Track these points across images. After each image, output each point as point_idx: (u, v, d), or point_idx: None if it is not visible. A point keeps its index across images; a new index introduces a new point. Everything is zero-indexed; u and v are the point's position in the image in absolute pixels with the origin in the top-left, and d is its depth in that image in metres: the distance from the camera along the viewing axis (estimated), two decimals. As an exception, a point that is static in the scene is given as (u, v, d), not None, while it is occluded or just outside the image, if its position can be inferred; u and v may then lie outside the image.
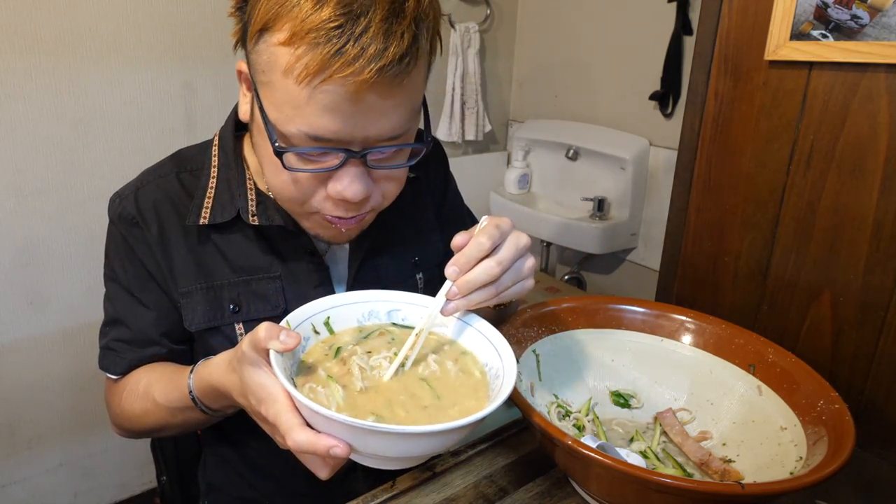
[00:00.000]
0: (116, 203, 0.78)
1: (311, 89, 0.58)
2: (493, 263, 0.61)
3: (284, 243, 0.79)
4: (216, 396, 0.68)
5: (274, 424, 0.55)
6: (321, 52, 0.55)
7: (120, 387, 0.81)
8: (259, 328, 0.56)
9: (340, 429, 0.51)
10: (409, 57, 0.58)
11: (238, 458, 0.89)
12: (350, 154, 0.62)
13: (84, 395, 1.65)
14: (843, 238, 0.94)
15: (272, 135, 0.63)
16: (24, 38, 1.36)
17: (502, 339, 0.65)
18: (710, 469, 0.72)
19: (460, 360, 0.66)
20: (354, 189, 0.64)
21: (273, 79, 0.60)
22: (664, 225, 1.20)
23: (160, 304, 0.79)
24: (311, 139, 0.61)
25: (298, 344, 0.57)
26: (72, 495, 1.72)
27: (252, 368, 0.57)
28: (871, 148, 0.89)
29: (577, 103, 2.01)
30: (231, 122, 0.80)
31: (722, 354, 0.81)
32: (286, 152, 0.63)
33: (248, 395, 0.58)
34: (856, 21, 0.86)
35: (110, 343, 0.81)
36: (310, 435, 0.52)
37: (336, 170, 0.64)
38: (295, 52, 0.57)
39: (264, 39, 0.59)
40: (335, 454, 0.51)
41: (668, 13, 1.65)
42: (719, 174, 1.08)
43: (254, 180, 0.78)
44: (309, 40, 0.56)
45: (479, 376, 0.64)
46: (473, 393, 0.61)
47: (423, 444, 0.54)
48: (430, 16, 0.60)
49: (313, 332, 0.66)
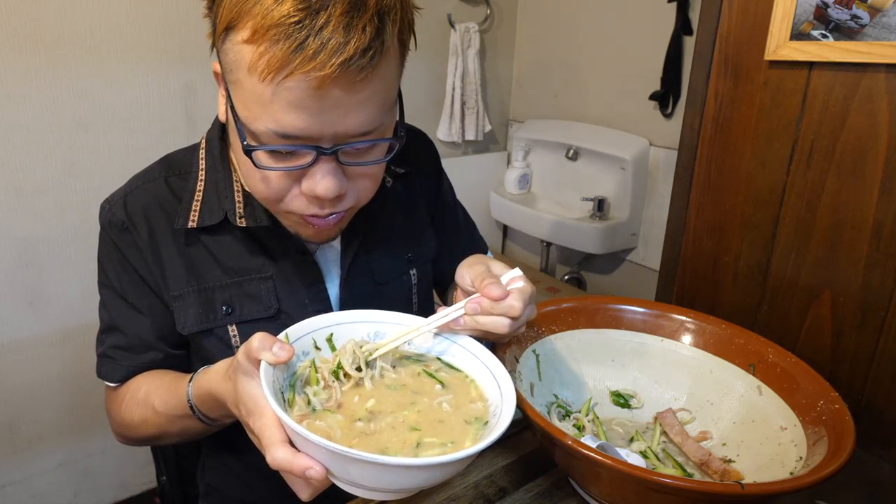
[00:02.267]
0: (106, 209, 0.78)
1: (275, 86, 0.57)
2: (506, 323, 0.64)
3: (274, 243, 0.78)
4: (213, 405, 0.67)
5: (258, 437, 0.54)
6: (282, 47, 0.55)
7: (119, 395, 0.81)
8: (253, 338, 0.55)
9: (317, 451, 0.50)
10: (373, 50, 0.57)
11: (236, 460, 0.89)
12: (320, 151, 0.62)
13: (84, 395, 1.65)
14: (843, 238, 0.94)
15: (242, 133, 0.63)
16: (24, 38, 1.36)
17: (506, 374, 0.62)
18: (710, 469, 0.72)
19: (462, 389, 0.65)
20: (326, 186, 0.64)
21: (239, 77, 0.60)
22: (664, 225, 1.20)
23: (154, 309, 0.78)
24: (280, 136, 0.61)
25: (291, 357, 0.55)
26: (72, 495, 1.72)
27: (245, 378, 0.56)
28: (871, 148, 0.89)
29: (578, 103, 2.01)
30: (218, 125, 0.80)
31: (722, 354, 0.81)
32: (255, 150, 0.62)
33: (240, 405, 0.57)
34: (856, 21, 0.86)
35: (107, 351, 0.80)
36: (288, 453, 0.51)
37: (308, 167, 0.64)
38: (257, 50, 0.57)
39: (230, 38, 0.59)
40: (310, 476, 0.50)
41: (668, 13, 1.65)
42: (719, 174, 1.08)
43: (241, 182, 0.78)
44: (270, 37, 0.55)
45: (480, 408, 0.62)
46: (470, 427, 0.59)
47: (402, 477, 0.51)
48: (395, 8, 0.59)
49: (314, 347, 0.64)
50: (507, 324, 0.63)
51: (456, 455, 0.49)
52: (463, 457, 0.50)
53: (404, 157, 0.87)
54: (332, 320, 0.66)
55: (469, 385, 0.64)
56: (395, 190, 0.87)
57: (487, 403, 0.62)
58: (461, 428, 0.58)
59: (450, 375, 0.66)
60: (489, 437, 0.52)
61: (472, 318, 0.64)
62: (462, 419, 0.59)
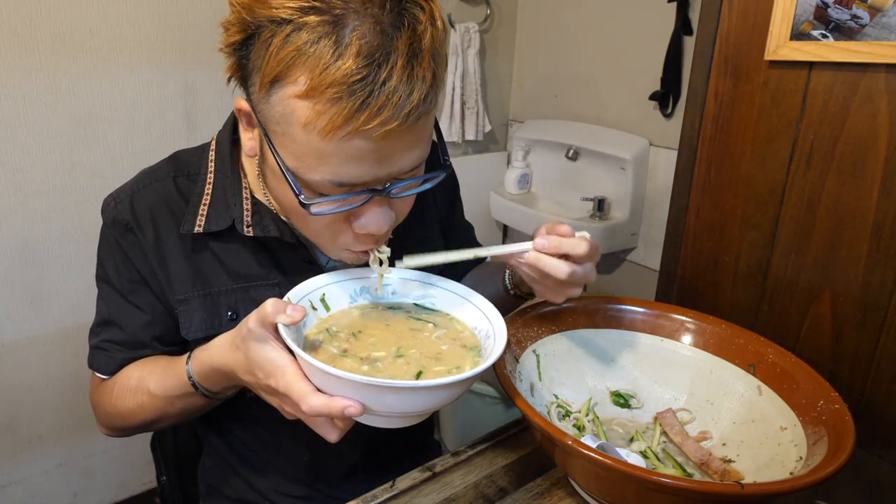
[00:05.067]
0: (111, 206, 0.77)
1: (335, 142, 0.56)
2: (566, 268, 0.67)
3: (282, 252, 0.78)
4: (218, 378, 0.69)
5: (285, 394, 0.57)
6: (345, 105, 0.53)
7: (109, 385, 0.81)
8: (265, 304, 0.58)
9: (353, 388, 0.54)
10: (432, 95, 0.57)
11: (237, 459, 0.89)
12: (375, 192, 0.62)
13: (84, 395, 1.62)
14: (843, 238, 0.94)
15: (295, 186, 0.61)
16: (24, 38, 1.36)
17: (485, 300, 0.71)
18: (710, 469, 0.72)
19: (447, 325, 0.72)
20: (379, 224, 0.65)
21: (291, 131, 0.57)
22: (664, 225, 1.20)
23: (153, 309, 0.78)
24: (336, 185, 0.60)
25: (304, 316, 0.60)
26: (72, 495, 1.72)
27: (258, 344, 0.59)
28: (871, 148, 0.89)
29: (577, 103, 2.01)
30: (228, 128, 0.78)
31: (722, 354, 0.81)
32: (314, 204, 0.61)
33: (256, 371, 0.60)
34: (856, 21, 0.86)
35: (101, 343, 0.80)
36: (324, 398, 0.55)
37: (360, 206, 0.63)
38: (314, 107, 0.54)
39: (276, 91, 0.56)
40: (350, 413, 0.54)
41: (668, 13, 1.65)
42: (719, 174, 1.08)
43: (250, 189, 0.77)
44: (330, 95, 0.53)
45: (470, 336, 0.70)
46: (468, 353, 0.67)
47: (432, 397, 0.58)
48: (437, 42, 0.57)
49: (311, 308, 0.69)
50: (566, 269, 0.66)
51: (475, 370, 0.57)
52: (480, 371, 0.57)
53: None
54: (321, 282, 0.72)
55: (452, 321, 0.72)
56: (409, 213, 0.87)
57: (475, 331, 0.70)
58: (460, 354, 0.66)
59: (431, 315, 0.73)
60: (494, 352, 0.61)
61: (535, 256, 0.67)
62: (459, 347, 0.67)
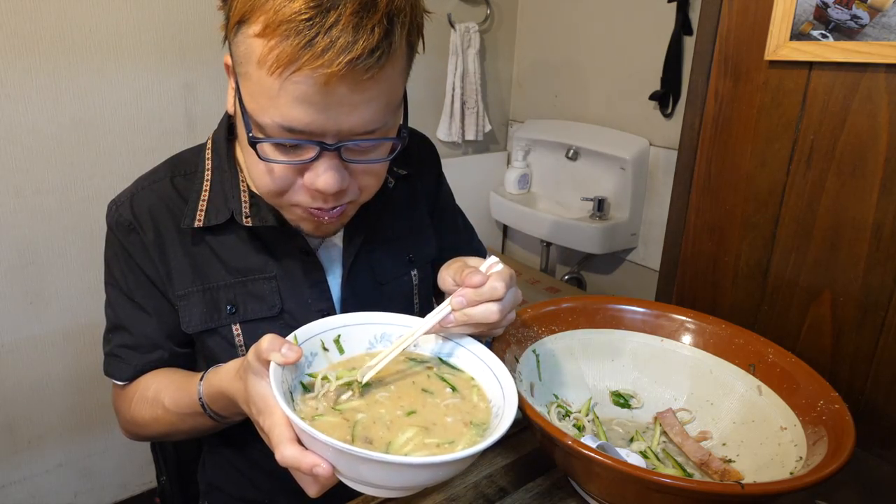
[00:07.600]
0: (113, 210, 0.79)
1: (282, 80, 0.59)
2: (495, 308, 0.64)
3: (278, 243, 0.79)
4: (225, 404, 0.69)
5: (268, 435, 0.56)
6: (291, 43, 0.56)
7: (128, 393, 0.82)
8: (263, 340, 0.56)
9: (324, 449, 0.51)
10: (381, 51, 0.58)
11: (241, 457, 0.89)
12: (324, 147, 0.63)
13: (84, 395, 1.65)
14: (843, 238, 0.94)
15: (248, 125, 0.64)
16: (24, 38, 1.36)
17: (508, 375, 0.63)
18: (710, 469, 0.72)
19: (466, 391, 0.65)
20: (327, 180, 0.65)
21: (249, 70, 0.61)
22: (664, 225, 1.20)
23: (160, 309, 0.79)
24: (285, 130, 0.62)
25: (299, 358, 0.57)
26: (72, 495, 1.72)
27: (255, 378, 0.58)
28: (871, 148, 0.89)
29: (577, 103, 2.01)
30: (224, 125, 0.81)
31: (722, 354, 0.81)
32: (261, 142, 0.64)
33: (250, 405, 0.59)
34: (856, 21, 0.86)
35: (114, 350, 0.81)
36: (296, 451, 0.53)
37: (311, 162, 0.65)
38: (268, 44, 0.58)
39: (242, 31, 0.61)
40: (317, 473, 0.52)
41: (668, 13, 1.65)
42: (719, 174, 1.08)
43: (247, 182, 0.78)
44: (280, 32, 0.57)
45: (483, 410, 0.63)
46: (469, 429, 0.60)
47: (406, 475, 0.52)
48: (405, 11, 0.60)
49: (322, 349, 0.66)
50: (495, 309, 0.64)
51: (458, 454, 0.51)
52: (465, 455, 0.51)
53: (406, 160, 0.88)
54: (339, 322, 0.67)
55: (472, 388, 0.65)
56: (398, 191, 0.88)
57: (490, 405, 0.63)
58: (460, 430, 0.59)
59: (454, 377, 0.66)
60: (491, 436, 0.54)
61: (461, 313, 0.65)
62: (463, 421, 0.60)
